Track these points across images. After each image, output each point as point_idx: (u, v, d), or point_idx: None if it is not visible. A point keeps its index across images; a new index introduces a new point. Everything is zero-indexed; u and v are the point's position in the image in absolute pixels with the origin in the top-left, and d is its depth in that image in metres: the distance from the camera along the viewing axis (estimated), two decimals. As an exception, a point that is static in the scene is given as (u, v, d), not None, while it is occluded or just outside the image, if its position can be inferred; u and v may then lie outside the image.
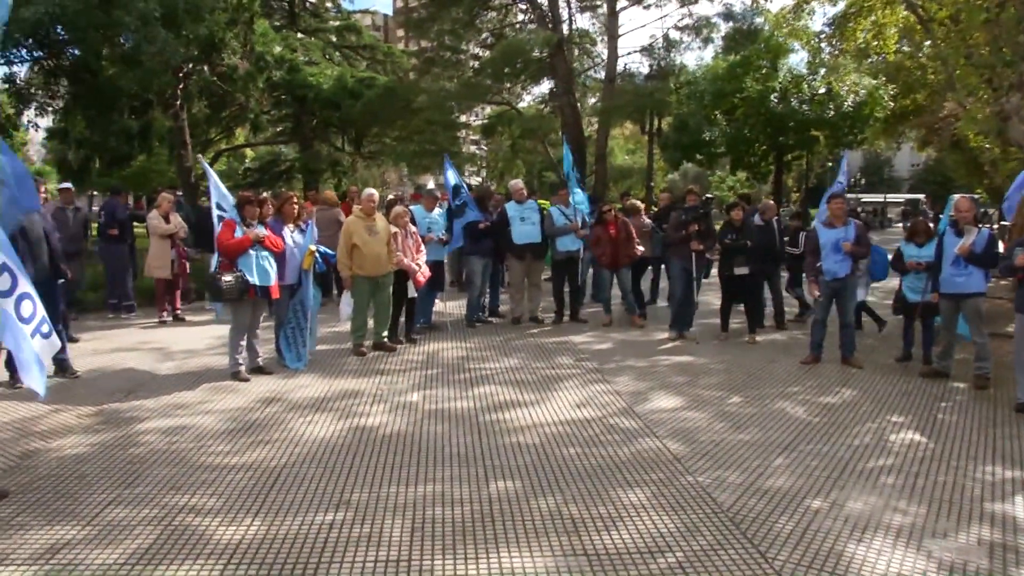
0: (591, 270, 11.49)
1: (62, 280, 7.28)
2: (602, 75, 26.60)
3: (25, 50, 15.04)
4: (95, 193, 38.81)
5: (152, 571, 3.61)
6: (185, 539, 3.93)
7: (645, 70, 27.24)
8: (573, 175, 10.90)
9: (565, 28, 25.18)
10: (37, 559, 3.72)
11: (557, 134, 25.67)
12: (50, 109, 17.84)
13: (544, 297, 10.95)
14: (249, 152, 38.59)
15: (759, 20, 26.04)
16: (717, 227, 9.86)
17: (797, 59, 26.62)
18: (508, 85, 26.26)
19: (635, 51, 30.97)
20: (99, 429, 5.79)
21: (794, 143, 26.24)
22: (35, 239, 6.85)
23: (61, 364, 7.29)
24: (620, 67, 25.67)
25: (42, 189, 7.31)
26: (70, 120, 18.60)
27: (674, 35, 26.15)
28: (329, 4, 31.10)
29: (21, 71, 17.09)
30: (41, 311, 4.86)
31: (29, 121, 19.08)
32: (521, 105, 29.83)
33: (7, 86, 16.91)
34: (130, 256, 11.26)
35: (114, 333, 9.77)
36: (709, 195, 13.87)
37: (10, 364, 6.46)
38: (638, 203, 11.41)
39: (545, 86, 28.99)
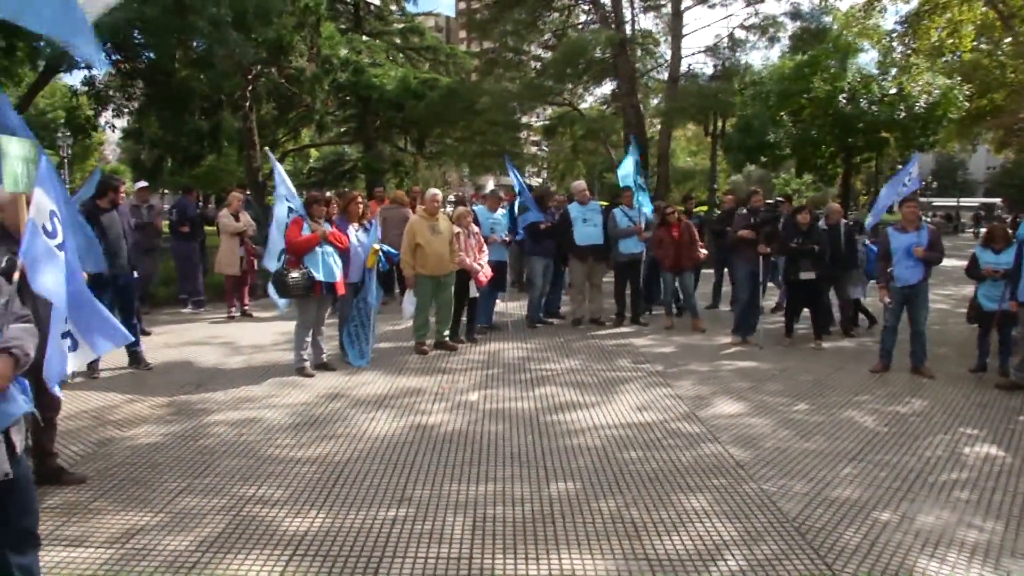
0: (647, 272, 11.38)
1: (136, 275, 7.58)
2: (665, 75, 26.31)
3: (104, 54, 15.63)
4: (166, 192, 40.19)
5: (221, 559, 3.71)
6: (253, 529, 4.04)
7: (709, 70, 26.82)
8: (638, 180, 10.73)
9: (628, 28, 25.00)
10: (113, 543, 3.86)
11: (619, 135, 25.48)
12: (126, 110, 18.59)
13: (605, 299, 10.89)
14: (314, 152, 39.38)
15: (827, 19, 25.44)
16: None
17: (867, 59, 25.92)
18: (570, 86, 26.18)
19: (699, 51, 30.33)
20: (171, 420, 5.99)
21: (863, 145, 25.53)
22: (114, 237, 7.15)
23: (135, 356, 7.59)
24: (684, 67, 25.34)
25: (120, 188, 7.60)
26: (145, 121, 19.33)
27: (739, 34, 25.68)
28: (393, 7, 31.54)
29: (100, 74, 17.80)
30: (67, 325, 4.34)
31: (106, 122, 19.97)
32: (583, 106, 29.72)
33: (87, 88, 17.63)
34: (200, 253, 11.65)
35: (184, 327, 10.08)
36: (780, 198, 13.53)
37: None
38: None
39: (607, 87, 28.89)
